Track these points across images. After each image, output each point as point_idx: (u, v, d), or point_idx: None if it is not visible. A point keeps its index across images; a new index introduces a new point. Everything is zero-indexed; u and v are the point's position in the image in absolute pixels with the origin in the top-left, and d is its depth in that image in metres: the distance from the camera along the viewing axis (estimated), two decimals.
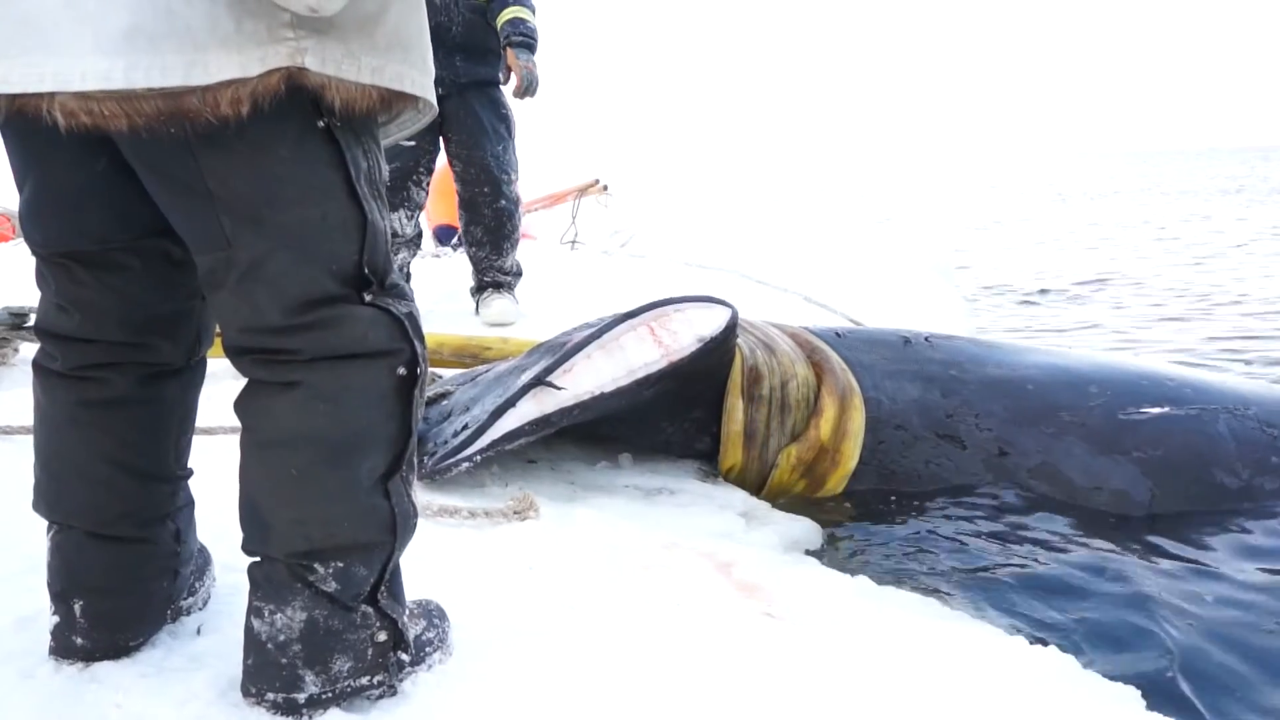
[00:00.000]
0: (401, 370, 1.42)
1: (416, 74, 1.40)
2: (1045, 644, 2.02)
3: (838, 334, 3.37)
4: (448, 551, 2.05)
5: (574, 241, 7.89)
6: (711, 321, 2.88)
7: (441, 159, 4.56)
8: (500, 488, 2.67)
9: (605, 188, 8.81)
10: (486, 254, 4.53)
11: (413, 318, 1.45)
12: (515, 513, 2.35)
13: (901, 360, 3.25)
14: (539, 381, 2.70)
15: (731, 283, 5.94)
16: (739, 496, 2.90)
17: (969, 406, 3.12)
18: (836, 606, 2.04)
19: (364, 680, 1.44)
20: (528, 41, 4.25)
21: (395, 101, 1.38)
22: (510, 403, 2.66)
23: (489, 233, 4.49)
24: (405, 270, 4.46)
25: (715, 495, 2.86)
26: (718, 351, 2.88)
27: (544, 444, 3.12)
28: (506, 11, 4.26)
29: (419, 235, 4.54)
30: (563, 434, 3.24)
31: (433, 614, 1.65)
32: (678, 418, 3.05)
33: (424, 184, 4.41)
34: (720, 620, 1.84)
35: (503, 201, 4.44)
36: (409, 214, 4.38)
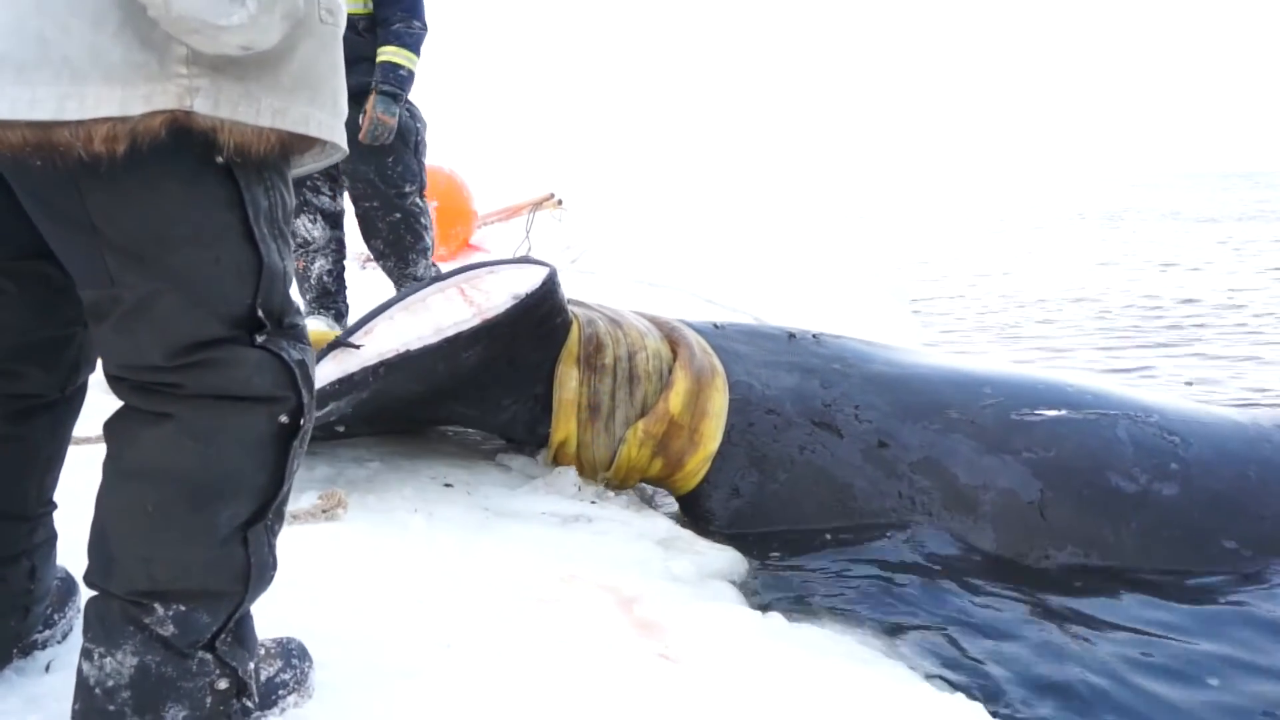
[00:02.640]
0: (284, 419, 1.35)
1: (325, 115, 1.32)
2: (953, 689, 1.94)
3: (716, 326, 3.31)
4: (329, 581, 1.95)
5: (527, 256, 7.80)
6: (527, 280, 2.79)
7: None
8: (409, 513, 2.57)
9: (560, 202, 8.72)
10: (393, 265, 4.40)
11: (304, 365, 1.37)
12: (323, 511, 2.30)
13: (781, 352, 3.19)
14: (338, 343, 2.61)
15: (682, 301, 5.88)
16: (662, 524, 2.82)
17: (848, 398, 3.04)
18: (739, 647, 1.96)
19: None
20: (395, 92, 4.14)
21: (298, 144, 1.30)
22: None
23: (390, 245, 4.35)
24: (332, 277, 4.34)
25: (635, 523, 2.77)
26: (538, 311, 2.78)
27: (465, 468, 3.03)
28: (384, 51, 4.15)
29: (336, 240, 4.40)
30: (486, 456, 3.16)
31: (292, 654, 1.55)
32: (519, 392, 2.94)
33: (324, 189, 4.28)
34: (608, 662, 1.76)
35: (397, 214, 4.29)
36: (311, 218, 4.27)
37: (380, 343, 2.61)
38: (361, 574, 2.06)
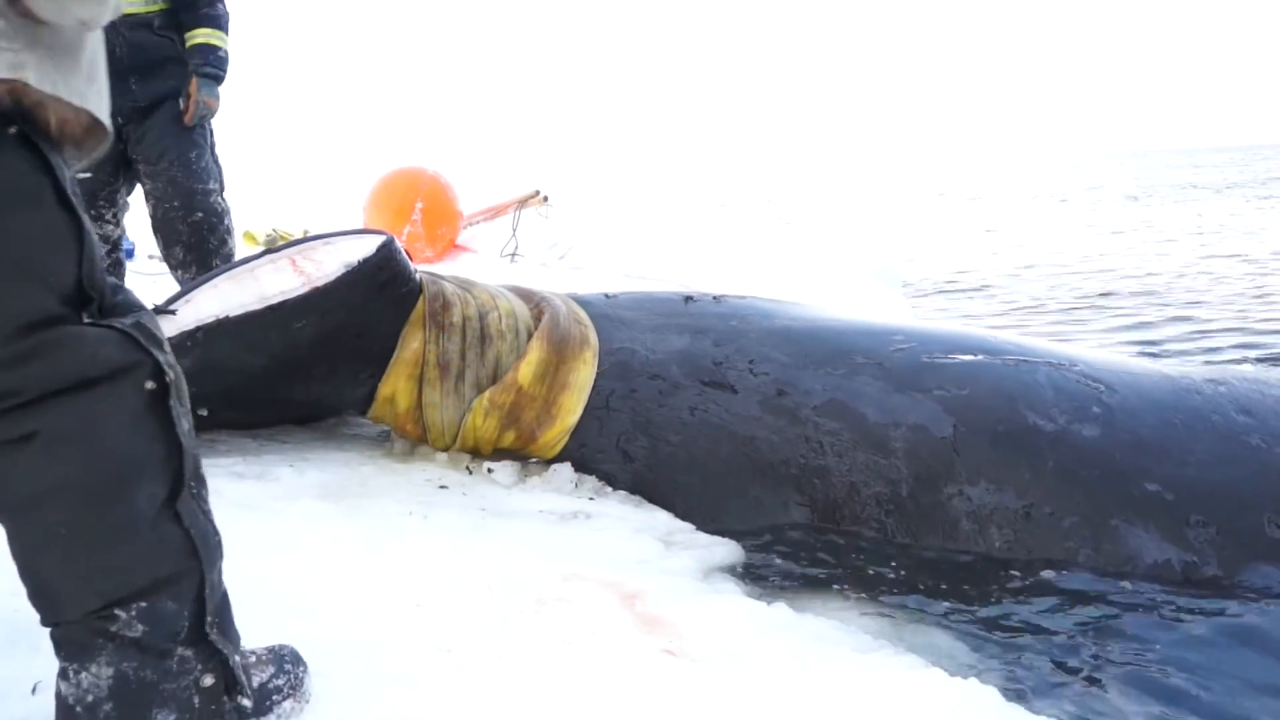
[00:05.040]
0: (149, 384, 1.28)
1: (106, 106, 1.32)
2: (966, 675, 1.90)
3: (607, 295, 3.26)
4: (325, 587, 1.91)
5: (514, 254, 7.75)
6: (361, 249, 2.75)
7: (391, 167, 4.41)
8: (404, 516, 2.52)
9: (546, 199, 8.67)
10: (195, 274, 4.05)
11: (142, 326, 1.31)
12: None
13: (673, 315, 3.13)
14: (155, 310, 2.58)
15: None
16: (661, 518, 2.78)
17: (743, 354, 2.97)
18: (745, 640, 1.92)
19: None
20: (216, 74, 4.03)
21: (97, 130, 1.30)
22: None
23: (191, 249, 4.09)
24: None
25: (634, 518, 2.73)
26: (376, 279, 2.74)
27: (460, 469, 2.98)
28: (198, 34, 4.00)
29: (116, 263, 4.22)
30: (481, 457, 3.10)
31: (284, 659, 1.50)
32: (374, 364, 2.88)
33: (108, 216, 4.11)
34: (613, 660, 1.72)
35: (199, 214, 4.07)
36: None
37: (200, 309, 2.58)
38: (357, 579, 2.01)
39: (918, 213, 20.34)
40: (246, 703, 1.37)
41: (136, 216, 4.52)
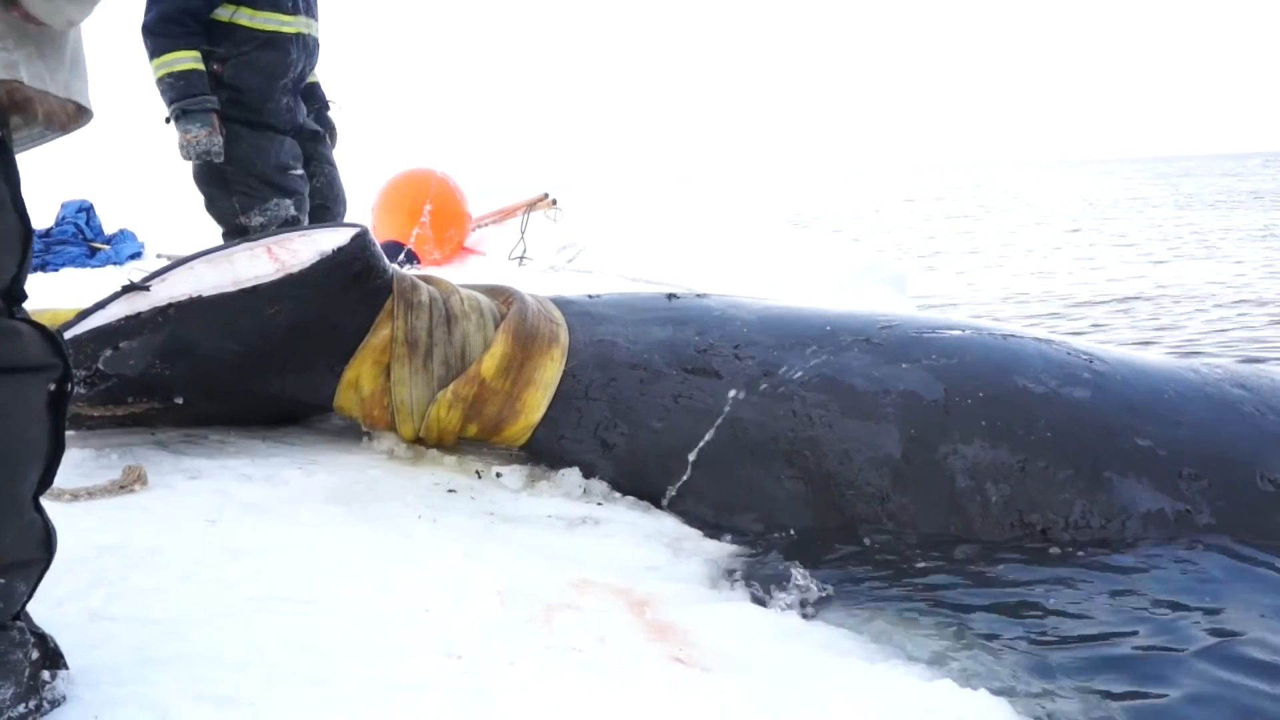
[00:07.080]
0: (52, 386, 1.39)
1: (88, 91, 1.42)
2: (975, 686, 1.89)
3: (590, 297, 3.29)
4: (333, 592, 1.90)
5: (522, 257, 7.74)
6: (335, 238, 2.80)
7: (400, 169, 4.56)
8: (412, 520, 2.52)
9: (554, 202, 8.66)
10: None
11: (61, 335, 1.45)
12: (121, 487, 2.34)
13: (656, 310, 3.16)
14: (130, 286, 2.64)
15: None
16: (669, 524, 2.77)
17: (728, 340, 2.98)
18: (755, 648, 1.91)
19: (21, 709, 1.35)
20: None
21: (79, 115, 1.40)
22: (100, 305, 2.61)
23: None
24: None
25: (642, 524, 2.72)
26: (349, 269, 2.79)
27: (468, 473, 2.98)
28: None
29: None
30: (492, 454, 3.10)
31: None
32: (349, 358, 2.92)
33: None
34: (623, 668, 1.71)
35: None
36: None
37: (173, 288, 2.63)
38: (366, 583, 2.01)
39: (930, 221, 20.31)
40: (58, 673, 1.42)
41: (141, 220, 4.65)
